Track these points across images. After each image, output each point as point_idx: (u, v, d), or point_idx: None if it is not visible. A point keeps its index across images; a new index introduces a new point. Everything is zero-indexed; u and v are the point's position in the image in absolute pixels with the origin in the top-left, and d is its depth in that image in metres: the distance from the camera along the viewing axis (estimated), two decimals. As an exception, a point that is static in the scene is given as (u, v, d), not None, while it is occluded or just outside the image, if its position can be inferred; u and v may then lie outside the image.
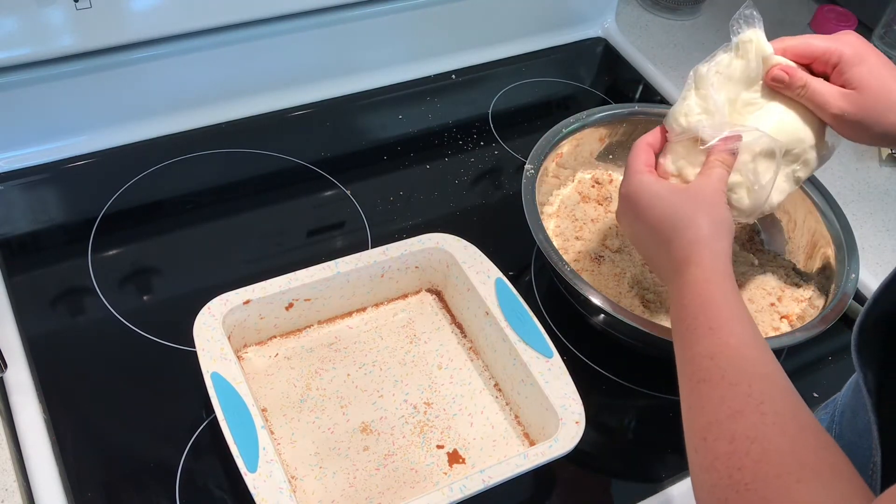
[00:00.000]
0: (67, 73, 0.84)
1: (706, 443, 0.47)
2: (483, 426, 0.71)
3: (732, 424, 0.47)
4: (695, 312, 0.54)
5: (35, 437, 0.66)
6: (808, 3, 1.27)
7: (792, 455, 0.44)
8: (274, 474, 0.59)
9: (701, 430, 0.48)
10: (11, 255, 0.80)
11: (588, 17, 1.15)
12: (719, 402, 0.48)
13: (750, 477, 0.44)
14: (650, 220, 0.62)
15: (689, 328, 0.53)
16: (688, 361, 0.52)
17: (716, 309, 0.53)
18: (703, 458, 0.47)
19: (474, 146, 0.98)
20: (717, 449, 0.46)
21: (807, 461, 0.44)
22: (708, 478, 0.46)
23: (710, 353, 0.51)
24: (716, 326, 0.52)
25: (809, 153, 0.68)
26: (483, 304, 0.72)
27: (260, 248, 0.84)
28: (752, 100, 0.67)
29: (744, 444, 0.45)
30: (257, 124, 0.96)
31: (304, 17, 0.93)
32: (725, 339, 0.51)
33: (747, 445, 0.45)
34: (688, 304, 0.55)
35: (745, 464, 0.45)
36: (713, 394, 0.49)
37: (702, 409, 0.49)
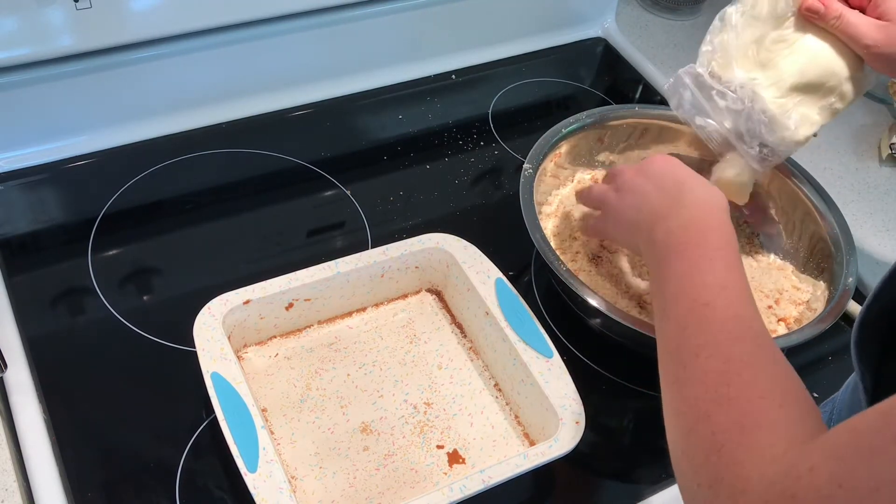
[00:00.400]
0: (67, 73, 0.84)
1: (698, 359, 0.49)
2: (483, 426, 0.71)
3: (731, 347, 0.48)
4: (717, 246, 0.56)
5: (35, 437, 0.66)
6: None
7: (779, 383, 0.46)
8: (274, 474, 0.59)
9: (695, 348, 0.50)
10: (11, 255, 0.80)
11: (588, 17, 1.15)
12: (720, 326, 0.50)
13: (736, 393, 0.46)
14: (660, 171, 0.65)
15: (704, 257, 0.55)
16: (697, 285, 0.53)
17: (734, 256, 0.56)
18: (692, 373, 0.49)
19: (474, 146, 0.98)
20: (709, 365, 0.48)
21: (790, 390, 0.46)
22: (691, 392, 0.48)
23: (723, 284, 0.53)
24: (734, 268, 0.54)
25: (845, 85, 0.69)
26: (483, 304, 0.72)
27: (260, 248, 0.84)
28: (783, 37, 0.67)
29: (738, 366, 0.47)
30: (257, 124, 0.96)
31: (304, 17, 0.93)
32: (738, 280, 0.53)
33: (740, 368, 0.47)
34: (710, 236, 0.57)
35: (734, 381, 0.46)
36: (716, 317, 0.51)
37: (701, 329, 0.51)
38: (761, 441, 0.43)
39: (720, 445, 0.44)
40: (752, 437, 0.43)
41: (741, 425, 0.44)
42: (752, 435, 0.43)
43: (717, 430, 0.45)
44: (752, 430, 0.44)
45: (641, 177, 0.66)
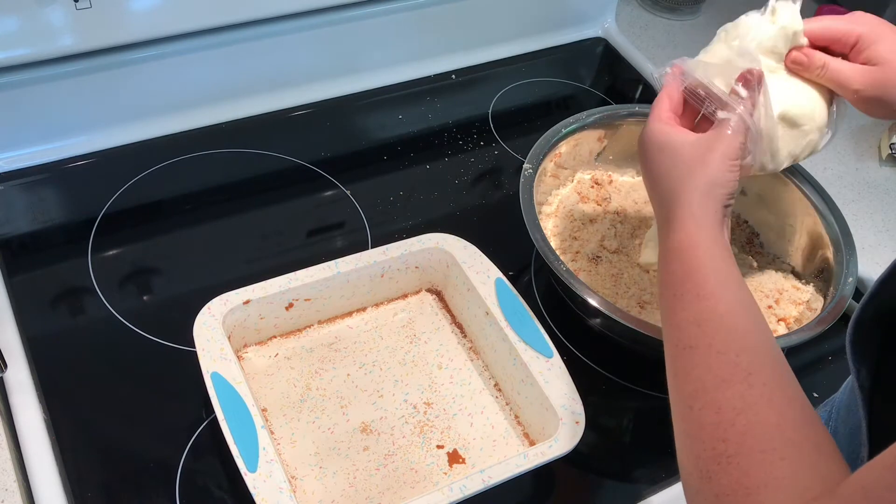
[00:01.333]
0: (67, 73, 0.84)
1: (692, 412, 0.47)
2: (483, 426, 0.71)
3: (718, 394, 0.46)
4: (682, 278, 0.52)
5: (35, 437, 0.66)
6: (808, 3, 1.27)
7: (777, 429, 0.44)
8: (274, 474, 0.59)
9: (687, 398, 0.48)
10: (11, 255, 0.80)
11: (588, 17, 1.15)
12: (706, 370, 0.48)
13: (734, 449, 0.44)
14: (652, 174, 0.60)
15: (675, 295, 0.52)
16: (674, 327, 0.51)
17: (703, 276, 0.52)
18: (689, 427, 0.47)
19: (474, 146, 0.98)
20: (703, 418, 0.46)
21: (792, 437, 0.44)
22: (692, 447, 0.46)
23: (696, 320, 0.50)
24: (703, 294, 0.51)
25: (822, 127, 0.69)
26: (483, 304, 0.72)
27: (260, 248, 0.84)
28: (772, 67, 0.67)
29: (730, 414, 0.45)
30: (257, 124, 0.96)
31: (304, 17, 0.93)
32: (713, 307, 0.50)
33: (733, 417, 0.45)
34: (675, 269, 0.54)
35: (730, 436, 0.44)
36: (700, 361, 0.48)
37: (687, 377, 0.49)
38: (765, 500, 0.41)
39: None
40: (757, 498, 0.42)
41: (745, 487, 0.43)
42: (756, 496, 0.42)
43: (720, 493, 0.44)
44: (756, 491, 0.42)
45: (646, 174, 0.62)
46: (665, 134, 0.60)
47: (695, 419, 0.47)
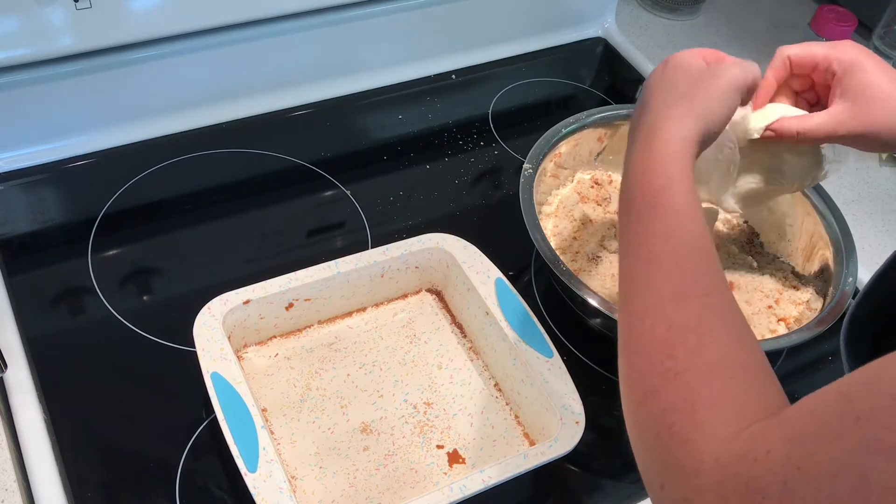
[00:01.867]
0: (67, 73, 0.84)
1: (643, 326, 0.46)
2: (483, 426, 0.71)
3: (673, 309, 0.45)
4: (657, 190, 0.51)
5: (35, 437, 0.66)
6: (808, 3, 1.27)
7: (729, 350, 0.44)
8: (274, 474, 0.59)
9: (639, 313, 0.47)
10: (11, 255, 0.80)
11: (588, 17, 1.15)
12: (664, 284, 0.47)
13: (682, 366, 0.43)
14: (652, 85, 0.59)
15: (647, 205, 0.51)
16: (639, 238, 0.50)
17: (679, 192, 0.51)
18: (638, 341, 0.46)
19: (474, 146, 0.98)
20: (654, 333, 0.45)
21: (742, 359, 0.43)
22: (637, 362, 0.46)
23: (665, 234, 0.49)
24: (677, 209, 0.50)
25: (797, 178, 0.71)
26: (483, 304, 0.72)
27: (260, 248, 0.84)
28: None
29: (681, 331, 0.44)
30: (257, 124, 0.96)
31: (304, 17, 0.93)
32: (683, 224, 0.49)
33: (685, 334, 0.44)
34: (652, 180, 0.52)
35: (678, 353, 0.44)
36: (660, 275, 0.47)
37: (645, 291, 0.47)
38: (714, 420, 0.41)
39: (670, 424, 0.42)
40: (703, 415, 0.41)
41: (690, 403, 0.42)
42: (702, 413, 0.41)
43: (666, 408, 0.43)
44: (702, 409, 0.41)
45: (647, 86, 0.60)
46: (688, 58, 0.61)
47: (645, 333, 0.46)
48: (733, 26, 1.22)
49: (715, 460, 0.39)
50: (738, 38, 1.20)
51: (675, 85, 0.58)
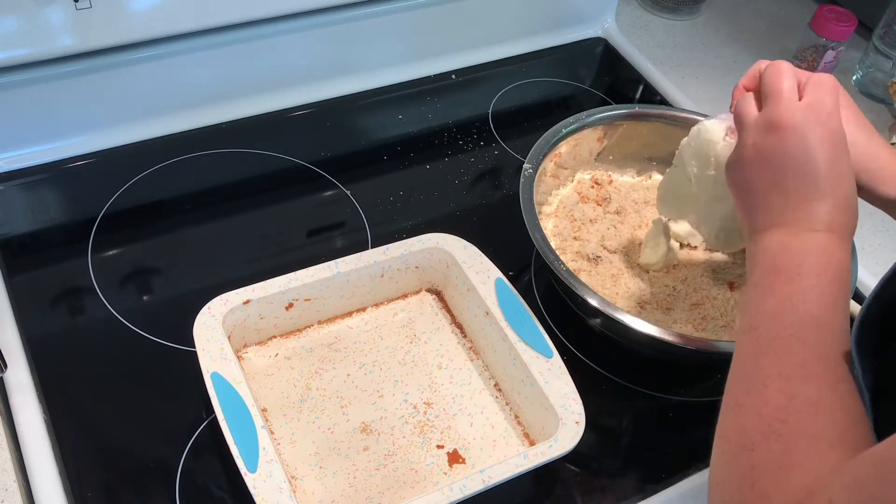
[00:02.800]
0: (67, 73, 0.84)
1: (766, 390, 0.46)
2: (483, 426, 0.71)
3: (801, 386, 0.46)
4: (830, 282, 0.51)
5: (35, 437, 0.66)
6: (808, 3, 1.27)
7: (837, 426, 0.44)
8: (274, 474, 0.59)
9: (765, 378, 0.47)
10: (11, 255, 0.80)
11: (588, 17, 1.15)
12: (800, 364, 0.47)
13: (787, 430, 0.44)
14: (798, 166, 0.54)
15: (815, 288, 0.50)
16: (795, 314, 0.49)
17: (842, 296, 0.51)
18: (752, 401, 0.46)
19: (474, 146, 0.98)
20: (772, 398, 0.46)
21: (850, 438, 0.43)
22: (744, 419, 0.46)
23: (820, 322, 0.49)
24: (838, 307, 0.50)
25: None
26: (483, 304, 0.72)
27: (260, 248, 0.84)
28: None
29: (801, 403, 0.45)
30: (257, 124, 0.96)
31: (304, 17, 0.93)
32: (838, 321, 0.49)
33: (803, 406, 0.44)
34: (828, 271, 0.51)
35: (790, 419, 0.44)
36: (799, 354, 0.47)
37: (778, 360, 0.48)
38: (796, 482, 0.41)
39: (755, 480, 0.43)
40: (788, 475, 0.42)
41: (780, 462, 0.42)
42: (788, 473, 0.42)
43: (756, 465, 0.43)
44: (789, 469, 0.42)
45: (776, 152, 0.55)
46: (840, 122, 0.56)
47: (763, 397, 0.46)
48: (733, 26, 1.22)
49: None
50: (738, 38, 1.20)
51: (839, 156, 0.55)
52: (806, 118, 0.55)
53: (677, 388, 0.78)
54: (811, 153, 0.54)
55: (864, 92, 1.14)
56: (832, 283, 0.51)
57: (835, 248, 0.52)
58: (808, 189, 0.54)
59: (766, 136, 0.56)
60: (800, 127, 0.54)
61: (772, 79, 0.58)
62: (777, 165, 0.55)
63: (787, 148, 0.55)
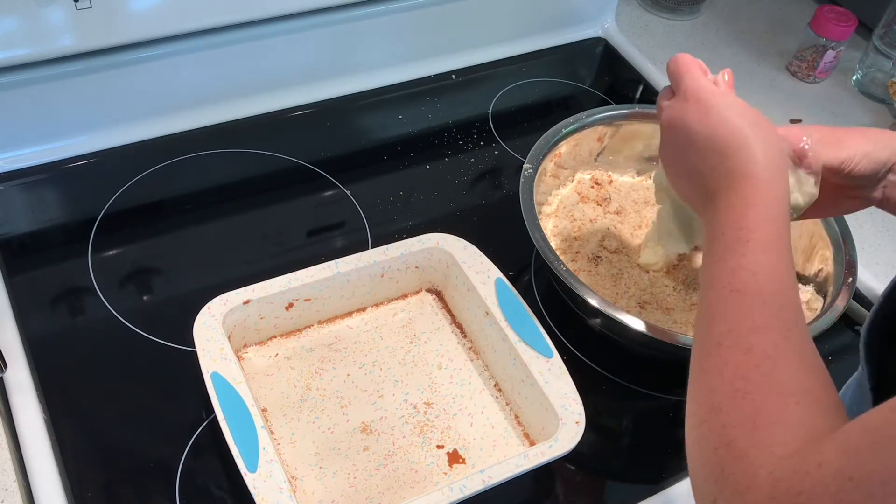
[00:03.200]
0: (67, 73, 0.84)
1: (720, 348, 0.47)
2: (483, 426, 0.71)
3: (753, 337, 0.47)
4: (752, 225, 0.52)
5: (35, 437, 0.66)
6: (808, 3, 1.27)
7: (800, 379, 0.44)
8: (274, 474, 0.59)
9: (718, 336, 0.48)
10: (11, 255, 0.80)
11: (588, 17, 1.15)
12: (746, 315, 0.48)
13: (752, 387, 0.44)
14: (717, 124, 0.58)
15: (740, 239, 0.52)
16: (728, 270, 0.51)
17: (774, 231, 0.52)
18: (711, 362, 0.47)
19: (474, 146, 0.98)
20: (729, 356, 0.46)
21: (811, 388, 0.44)
22: (708, 381, 0.47)
23: (754, 268, 0.50)
24: (770, 248, 0.51)
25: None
26: (483, 304, 0.72)
27: (260, 248, 0.84)
28: None
29: (758, 357, 0.45)
30: (257, 124, 0.96)
31: (304, 17, 0.93)
32: (774, 262, 0.50)
33: (761, 360, 0.45)
34: (748, 214, 0.53)
35: (751, 375, 0.45)
36: (743, 305, 0.48)
37: (725, 317, 0.49)
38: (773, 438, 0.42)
39: (730, 440, 0.43)
40: (764, 433, 0.42)
41: (753, 421, 0.43)
42: (763, 431, 0.42)
43: (728, 424, 0.44)
44: (764, 427, 0.42)
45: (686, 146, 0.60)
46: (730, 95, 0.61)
47: (721, 356, 0.47)
48: (733, 26, 1.22)
49: (768, 475, 0.40)
50: (738, 38, 1.20)
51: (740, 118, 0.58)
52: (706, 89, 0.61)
53: (677, 388, 0.78)
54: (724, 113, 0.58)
55: (864, 92, 1.14)
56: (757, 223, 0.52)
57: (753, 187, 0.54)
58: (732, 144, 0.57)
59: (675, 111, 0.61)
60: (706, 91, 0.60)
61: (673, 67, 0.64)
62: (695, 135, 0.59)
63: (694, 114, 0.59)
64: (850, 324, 0.86)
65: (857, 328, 0.86)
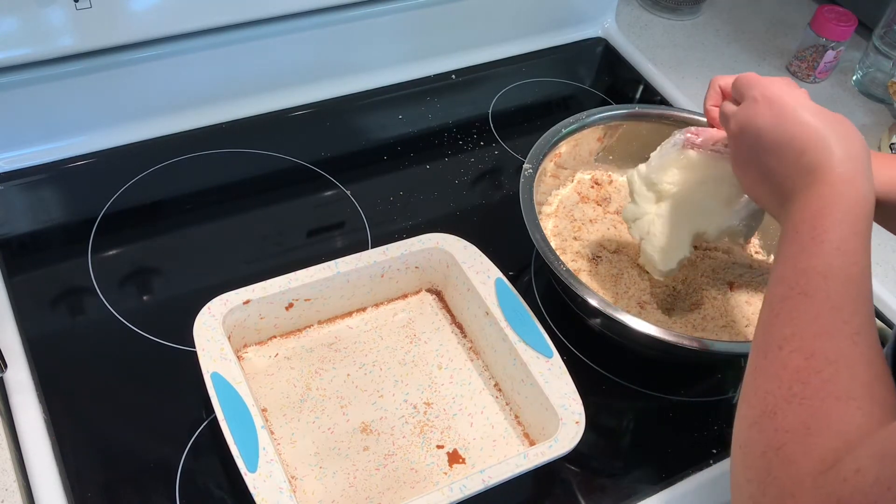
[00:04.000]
0: (67, 73, 0.84)
1: (781, 352, 0.46)
2: (483, 426, 0.71)
3: (816, 342, 0.45)
4: (828, 225, 0.50)
5: (35, 437, 0.66)
6: (808, 3, 1.27)
7: (867, 385, 0.43)
8: (274, 474, 0.59)
9: (780, 339, 0.47)
10: (11, 255, 0.80)
11: (588, 17, 1.15)
12: (812, 319, 0.46)
13: (810, 392, 0.43)
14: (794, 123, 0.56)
15: (814, 238, 0.50)
16: (798, 271, 0.49)
17: (851, 232, 0.50)
18: (770, 365, 0.46)
19: (474, 146, 0.98)
20: (790, 360, 0.45)
21: (876, 392, 0.42)
22: (765, 384, 0.45)
23: (825, 271, 0.48)
24: (846, 251, 0.49)
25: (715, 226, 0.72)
26: (483, 304, 0.72)
27: (260, 248, 0.84)
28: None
29: (819, 363, 0.44)
30: (257, 124, 0.96)
31: (304, 17, 0.93)
32: (848, 266, 0.48)
33: (822, 366, 0.44)
34: (824, 213, 0.51)
35: (811, 380, 0.43)
36: (810, 309, 0.47)
37: (790, 320, 0.47)
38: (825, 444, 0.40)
39: (781, 444, 0.42)
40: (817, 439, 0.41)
41: (807, 427, 0.42)
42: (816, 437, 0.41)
43: (780, 428, 0.42)
44: (817, 433, 0.41)
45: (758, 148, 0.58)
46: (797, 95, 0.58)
47: (780, 359, 0.46)
48: (733, 26, 1.22)
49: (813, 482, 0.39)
50: (738, 38, 1.20)
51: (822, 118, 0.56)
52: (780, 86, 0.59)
53: (677, 388, 0.78)
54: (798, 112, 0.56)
55: (864, 92, 1.14)
56: (833, 224, 0.50)
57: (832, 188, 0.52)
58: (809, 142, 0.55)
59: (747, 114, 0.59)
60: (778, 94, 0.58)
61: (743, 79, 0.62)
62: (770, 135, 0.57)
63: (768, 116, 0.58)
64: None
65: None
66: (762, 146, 0.58)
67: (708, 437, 0.75)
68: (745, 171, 0.61)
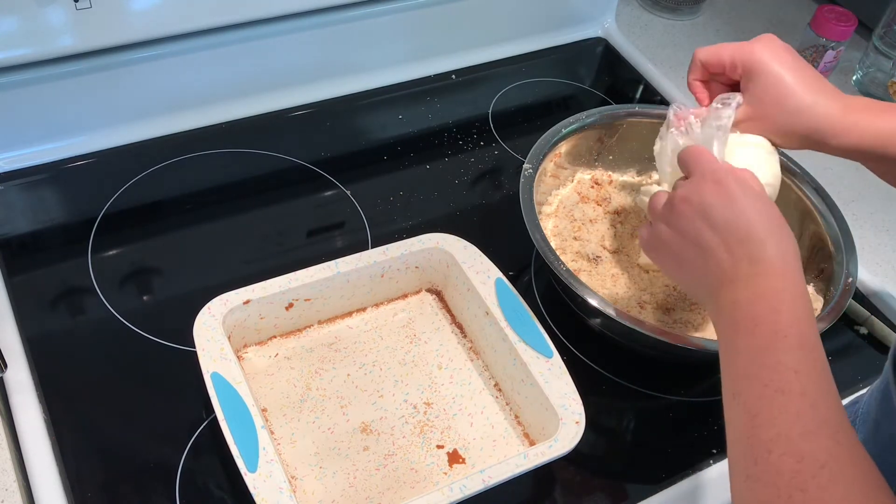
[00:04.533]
0: (67, 73, 0.84)
1: (770, 456, 0.46)
2: (483, 426, 0.71)
3: (804, 444, 0.45)
4: (790, 320, 0.51)
5: (35, 437, 0.66)
6: (808, 3, 1.27)
7: (859, 489, 0.44)
8: (274, 474, 0.59)
9: (767, 442, 0.47)
10: (11, 255, 0.80)
11: (588, 17, 1.15)
12: (795, 418, 0.46)
13: (811, 498, 0.43)
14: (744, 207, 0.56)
15: (777, 333, 0.50)
16: (768, 368, 0.49)
17: (809, 327, 0.51)
18: (763, 472, 0.46)
19: (474, 146, 0.98)
20: (782, 465, 0.45)
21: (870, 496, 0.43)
22: (763, 492, 0.45)
23: (796, 367, 0.49)
24: (808, 345, 0.50)
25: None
26: (483, 304, 0.72)
27: (260, 248, 0.84)
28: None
29: (812, 466, 0.44)
30: (257, 124, 0.96)
31: (304, 17, 0.93)
32: (815, 358, 0.49)
33: (815, 469, 0.44)
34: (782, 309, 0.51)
35: (809, 487, 0.44)
36: (789, 407, 0.47)
37: (772, 420, 0.47)
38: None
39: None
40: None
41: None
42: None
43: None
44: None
45: (702, 221, 0.57)
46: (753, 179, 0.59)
47: (772, 464, 0.46)
48: (733, 26, 1.22)
49: None
50: (738, 38, 1.19)
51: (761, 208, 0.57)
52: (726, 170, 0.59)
53: (677, 388, 0.78)
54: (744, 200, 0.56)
55: (864, 92, 1.14)
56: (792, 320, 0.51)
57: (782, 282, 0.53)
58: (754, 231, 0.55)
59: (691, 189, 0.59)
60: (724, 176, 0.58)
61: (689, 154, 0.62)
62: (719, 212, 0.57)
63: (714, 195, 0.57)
64: (850, 324, 0.86)
65: (857, 328, 0.86)
66: (710, 221, 0.57)
67: (708, 437, 0.75)
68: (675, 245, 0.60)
